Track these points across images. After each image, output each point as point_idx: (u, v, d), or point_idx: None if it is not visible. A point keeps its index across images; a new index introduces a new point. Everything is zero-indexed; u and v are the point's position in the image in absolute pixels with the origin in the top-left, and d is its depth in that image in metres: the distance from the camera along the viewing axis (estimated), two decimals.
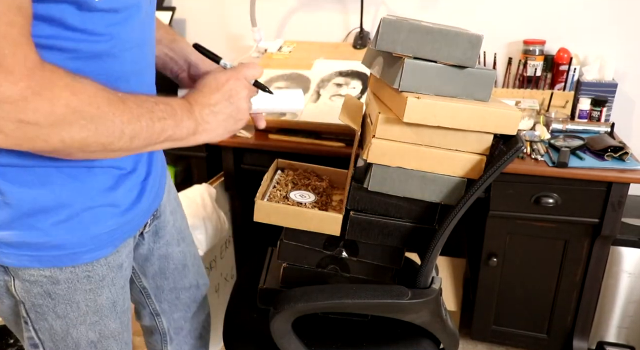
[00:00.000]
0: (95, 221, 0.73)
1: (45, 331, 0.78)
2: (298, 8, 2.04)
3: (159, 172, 0.89)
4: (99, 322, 0.81)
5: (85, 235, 0.73)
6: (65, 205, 0.70)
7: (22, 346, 1.61)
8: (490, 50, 1.85)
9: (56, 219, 0.70)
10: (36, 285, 0.73)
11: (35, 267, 0.72)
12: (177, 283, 1.06)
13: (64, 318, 0.77)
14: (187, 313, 1.13)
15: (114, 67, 0.69)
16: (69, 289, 0.75)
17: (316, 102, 1.65)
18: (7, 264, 0.72)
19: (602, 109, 1.67)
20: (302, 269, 1.07)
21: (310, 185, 1.14)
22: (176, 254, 1.03)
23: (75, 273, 0.75)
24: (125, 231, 0.80)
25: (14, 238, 0.69)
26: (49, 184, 0.68)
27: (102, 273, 0.78)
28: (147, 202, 0.82)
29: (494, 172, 0.86)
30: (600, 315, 1.67)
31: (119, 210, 0.76)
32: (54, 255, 0.72)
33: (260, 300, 1.12)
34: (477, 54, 0.86)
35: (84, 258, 0.74)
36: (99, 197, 0.73)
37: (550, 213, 1.49)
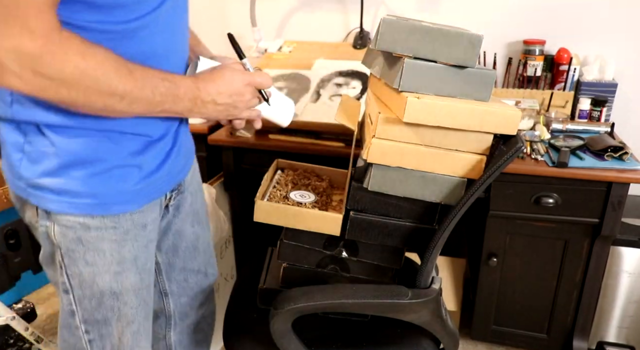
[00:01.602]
0: (123, 178, 0.84)
1: (76, 277, 0.87)
2: (298, 8, 2.04)
3: (186, 149, 1.00)
4: (121, 274, 0.89)
5: (114, 189, 0.84)
6: (101, 161, 0.82)
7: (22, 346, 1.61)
8: (490, 50, 1.85)
9: (92, 171, 0.81)
10: (71, 231, 0.84)
11: (71, 213, 0.82)
12: (186, 263, 1.11)
13: (92, 265, 0.86)
14: (194, 301, 1.16)
15: (144, 49, 0.79)
16: (97, 236, 0.85)
17: (316, 102, 1.65)
18: (50, 209, 0.82)
19: (602, 109, 1.67)
20: (302, 269, 1.07)
21: (310, 185, 1.14)
22: (189, 233, 1.09)
23: (104, 222, 0.85)
24: (149, 192, 0.90)
25: (57, 185, 0.80)
26: (90, 142, 0.80)
27: (127, 227, 0.88)
28: (170, 171, 0.93)
29: (494, 172, 0.86)
30: (600, 315, 1.67)
31: (144, 172, 0.87)
32: (87, 203, 0.82)
33: (260, 300, 1.12)
34: (477, 54, 0.86)
35: (112, 209, 0.85)
36: (128, 158, 0.85)
37: (550, 213, 1.49)
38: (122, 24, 0.76)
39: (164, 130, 0.90)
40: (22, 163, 0.81)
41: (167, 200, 1.00)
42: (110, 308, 0.90)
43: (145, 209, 0.90)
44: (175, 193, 1.02)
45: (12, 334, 1.57)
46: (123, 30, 0.76)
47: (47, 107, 0.76)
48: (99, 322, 0.91)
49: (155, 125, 0.87)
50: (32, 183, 0.81)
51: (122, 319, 0.92)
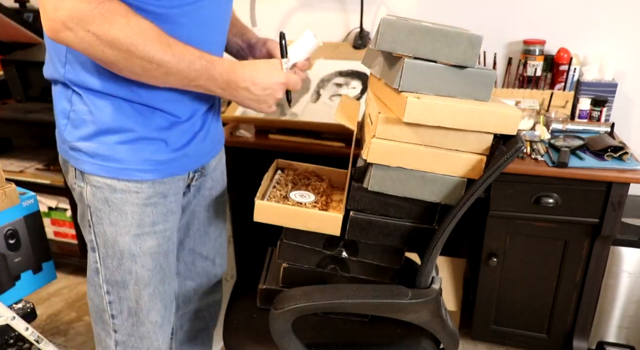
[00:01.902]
0: (148, 149, 0.93)
1: (101, 236, 0.96)
2: (298, 8, 2.04)
3: (214, 136, 1.08)
4: (140, 236, 0.97)
5: (139, 157, 0.92)
6: (129, 131, 0.91)
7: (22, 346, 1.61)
8: (490, 50, 1.85)
9: (120, 139, 0.90)
10: (99, 191, 0.93)
11: (101, 175, 0.92)
12: (196, 246, 1.17)
13: (115, 225, 0.95)
14: (199, 286, 1.21)
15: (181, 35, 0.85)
16: (121, 199, 0.93)
17: (316, 102, 1.65)
18: (84, 170, 0.93)
19: (602, 109, 1.67)
20: (302, 269, 1.07)
21: (310, 185, 1.14)
22: (203, 217, 1.16)
23: (128, 186, 0.93)
24: (172, 167, 0.97)
25: (91, 149, 0.91)
26: (122, 112, 0.90)
27: (148, 193, 0.95)
28: (195, 151, 1.00)
29: (494, 172, 0.86)
30: (600, 315, 1.67)
31: (170, 147, 0.95)
32: (115, 167, 0.91)
33: (260, 300, 1.12)
34: (477, 54, 0.86)
35: (135, 175, 0.93)
36: (155, 132, 0.93)
37: (550, 213, 1.49)
38: (164, 8, 0.83)
39: (191, 112, 0.97)
40: (67, 128, 0.92)
41: (190, 180, 1.07)
42: (128, 270, 0.98)
43: (167, 182, 0.97)
44: (198, 175, 1.08)
45: (12, 334, 1.57)
46: (165, 14, 0.84)
47: (91, 72, 0.87)
48: (118, 283, 0.99)
49: (183, 107, 0.95)
50: (72, 146, 0.92)
51: (139, 281, 0.99)
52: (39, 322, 1.92)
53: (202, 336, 1.27)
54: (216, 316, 1.29)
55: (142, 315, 1.01)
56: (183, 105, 0.95)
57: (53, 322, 1.94)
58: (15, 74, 1.96)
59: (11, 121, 1.89)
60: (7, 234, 1.30)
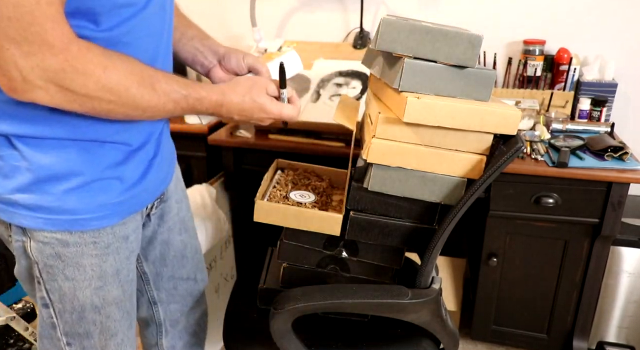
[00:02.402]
0: (103, 191, 0.81)
1: (55, 292, 0.85)
2: (298, 8, 2.04)
3: (168, 156, 0.97)
4: (103, 288, 0.87)
5: (93, 204, 0.81)
6: (77, 174, 0.78)
7: (22, 346, 1.61)
8: (490, 50, 1.85)
9: (68, 186, 0.78)
10: (48, 247, 0.81)
11: (48, 229, 0.79)
12: (175, 272, 1.09)
13: (72, 280, 0.84)
14: (184, 306, 1.15)
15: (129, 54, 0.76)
16: (77, 252, 0.82)
17: (316, 102, 1.65)
18: (24, 225, 0.80)
19: (602, 109, 1.67)
20: (302, 269, 1.07)
21: (310, 185, 1.14)
22: (177, 242, 1.07)
23: (83, 238, 0.82)
24: (131, 205, 0.87)
25: (31, 201, 0.77)
26: (65, 154, 0.77)
27: (108, 241, 0.85)
28: (153, 181, 0.90)
29: (494, 172, 0.86)
30: (600, 315, 1.67)
31: (125, 184, 0.84)
32: (65, 219, 0.79)
33: (260, 300, 1.12)
34: (477, 54, 0.86)
35: (91, 225, 0.81)
36: (108, 170, 0.81)
37: (550, 213, 1.49)
38: (105, 31, 0.73)
39: (145, 137, 0.87)
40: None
41: (149, 210, 0.97)
42: (92, 322, 0.89)
43: (127, 221, 0.87)
44: (158, 202, 0.99)
45: (12, 334, 1.57)
46: (107, 37, 0.74)
47: (20, 118, 0.74)
48: (80, 335, 0.89)
49: (136, 133, 0.85)
50: (4, 199, 0.78)
51: (105, 332, 0.90)
52: None
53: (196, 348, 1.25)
54: (205, 327, 1.25)
55: None
56: (136, 132, 0.85)
57: None
58: None
59: None
60: None
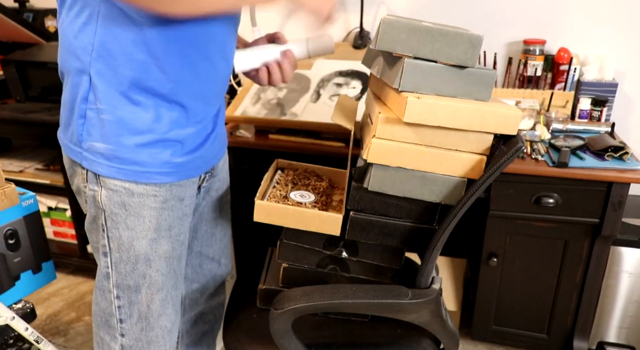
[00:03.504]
0: (168, 150, 0.91)
1: (116, 240, 0.94)
2: None
3: (222, 137, 1.08)
4: (156, 240, 0.95)
5: (159, 160, 0.90)
6: (150, 132, 0.88)
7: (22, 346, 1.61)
8: (490, 50, 1.85)
9: (141, 141, 0.88)
10: (116, 195, 0.90)
11: (119, 178, 0.89)
12: (203, 248, 1.16)
13: (132, 230, 0.93)
14: (205, 289, 1.20)
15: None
16: (139, 203, 0.92)
17: (316, 102, 1.65)
18: (100, 173, 0.89)
19: (602, 108, 1.67)
20: (302, 269, 1.07)
21: (310, 185, 1.14)
22: (210, 218, 1.15)
23: (147, 190, 0.91)
24: (188, 169, 0.96)
25: (109, 151, 0.88)
26: (143, 113, 0.87)
27: (166, 196, 0.94)
28: (208, 152, 1.00)
29: (494, 172, 0.86)
30: (601, 315, 1.67)
31: (186, 149, 0.94)
32: (134, 170, 0.89)
33: (260, 300, 1.12)
34: (477, 54, 0.86)
35: (155, 178, 0.91)
36: (172, 133, 0.91)
37: (551, 213, 1.49)
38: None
39: (204, 113, 0.96)
40: (84, 128, 0.88)
41: (201, 181, 1.06)
42: (142, 274, 0.96)
43: (183, 184, 0.96)
44: (209, 175, 1.08)
45: (12, 334, 1.57)
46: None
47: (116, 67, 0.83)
48: (130, 287, 0.97)
49: (199, 108, 0.94)
50: (88, 147, 0.89)
51: (153, 286, 0.97)
52: (39, 322, 1.92)
53: (207, 338, 1.26)
54: (220, 318, 1.29)
55: (152, 320, 0.99)
56: (199, 106, 0.94)
57: (53, 322, 1.94)
58: (15, 74, 1.97)
59: (11, 121, 1.89)
60: (7, 234, 1.30)
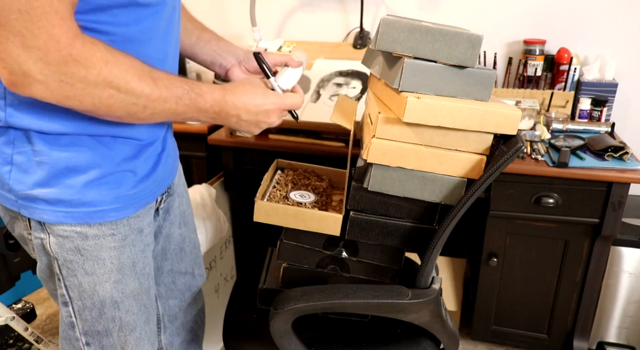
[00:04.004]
0: (118, 184, 0.84)
1: (75, 288, 0.87)
2: (298, 8, 2.04)
3: (172, 151, 1.01)
4: (122, 281, 0.89)
5: (110, 196, 0.83)
6: (95, 167, 0.81)
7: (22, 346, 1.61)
8: (490, 50, 1.85)
9: (87, 179, 0.80)
10: (68, 241, 0.83)
11: (68, 223, 0.81)
12: (174, 266, 1.11)
13: (92, 275, 0.86)
14: (182, 302, 1.16)
15: (142, 51, 0.78)
16: (96, 245, 0.84)
17: (316, 102, 1.65)
18: (44, 220, 0.81)
19: (602, 108, 1.67)
20: (302, 269, 1.07)
21: (310, 185, 1.14)
22: (177, 235, 1.09)
23: (102, 230, 0.84)
24: (144, 196, 0.89)
25: (51, 195, 0.79)
26: (83, 148, 0.79)
27: (125, 233, 0.87)
28: (162, 174, 0.93)
29: (494, 172, 0.86)
30: (601, 315, 1.67)
31: (138, 176, 0.87)
32: (84, 211, 0.81)
33: (260, 300, 1.12)
34: (477, 54, 0.86)
35: (109, 216, 0.84)
36: (122, 164, 0.84)
37: (551, 213, 1.49)
38: (123, 27, 0.75)
39: (154, 133, 0.90)
40: (12, 175, 0.79)
41: (158, 204, 1.00)
42: (111, 318, 0.90)
43: (140, 214, 0.90)
44: (165, 196, 1.02)
45: (12, 334, 1.57)
46: (124, 33, 0.75)
47: (41, 113, 0.75)
48: (100, 333, 0.91)
49: (145, 130, 0.87)
50: (24, 195, 0.80)
51: (124, 328, 0.92)
52: (39, 322, 1.92)
53: (193, 346, 1.25)
54: (203, 324, 1.26)
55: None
56: (145, 129, 0.87)
57: (53, 322, 1.94)
58: None
59: None
60: (7, 234, 1.30)
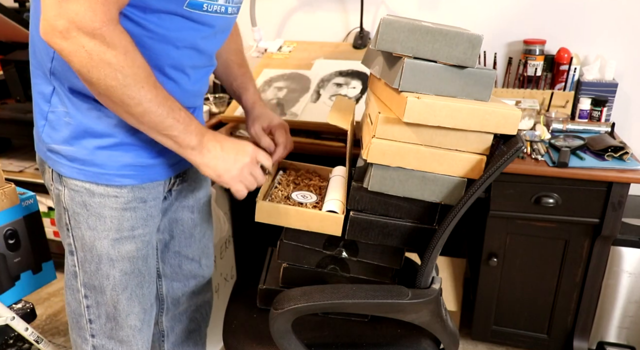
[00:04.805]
0: (128, 154, 0.92)
1: (79, 239, 0.96)
2: (298, 8, 2.04)
3: None
4: (119, 240, 0.96)
5: (119, 162, 0.91)
6: (110, 136, 0.90)
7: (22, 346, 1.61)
8: (490, 50, 1.85)
9: (100, 143, 0.90)
10: (78, 195, 0.92)
11: (79, 179, 0.91)
12: (181, 249, 1.16)
13: (93, 230, 0.94)
14: (186, 287, 1.20)
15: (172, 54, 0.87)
16: (100, 203, 0.93)
17: (316, 102, 1.65)
18: (62, 173, 0.92)
19: (602, 108, 1.67)
20: (302, 269, 1.07)
21: (312, 185, 1.14)
22: (187, 219, 1.15)
23: (107, 191, 0.92)
24: (151, 172, 0.96)
25: (70, 152, 0.90)
26: (103, 117, 0.88)
27: (128, 198, 0.94)
28: (176, 157, 0.96)
29: (494, 172, 0.86)
30: (601, 315, 1.67)
31: (149, 153, 0.94)
32: (94, 172, 0.91)
33: (260, 300, 1.12)
34: (477, 54, 0.86)
35: (114, 180, 0.92)
36: (135, 138, 0.91)
37: (551, 213, 1.49)
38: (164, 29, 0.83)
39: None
40: (45, 129, 0.91)
41: (171, 185, 1.06)
42: (105, 275, 0.97)
43: (146, 187, 0.97)
44: (180, 179, 1.08)
45: (12, 334, 1.57)
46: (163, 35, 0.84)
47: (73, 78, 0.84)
48: (95, 288, 0.98)
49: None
50: (50, 148, 0.91)
51: (117, 286, 0.98)
52: (39, 322, 1.92)
53: (195, 337, 1.26)
54: (208, 316, 1.29)
55: (120, 320, 1.00)
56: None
57: (53, 322, 1.94)
58: (15, 74, 1.96)
59: (11, 121, 1.89)
60: (7, 234, 1.30)
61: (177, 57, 0.88)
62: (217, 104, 1.90)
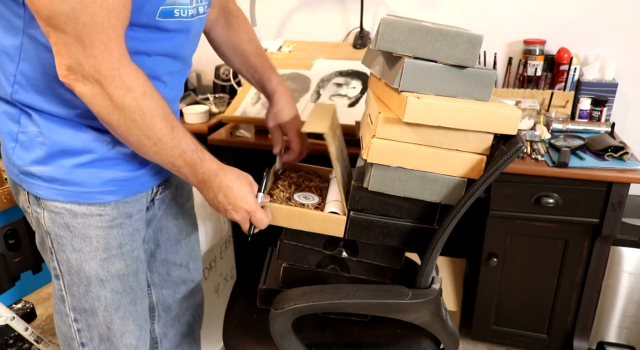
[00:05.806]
0: (109, 169, 0.88)
1: (64, 263, 0.92)
2: (298, 8, 2.04)
3: None
4: (107, 260, 0.92)
5: (100, 179, 0.88)
6: (88, 152, 0.86)
7: (22, 346, 1.61)
8: (491, 50, 1.85)
9: (79, 161, 0.86)
10: (59, 217, 0.88)
11: (59, 200, 0.87)
12: (168, 256, 1.13)
13: (79, 252, 0.90)
14: (177, 293, 1.18)
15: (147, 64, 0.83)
16: (83, 223, 0.89)
17: (316, 102, 1.65)
18: (40, 195, 0.87)
19: (602, 108, 1.67)
20: (302, 269, 1.07)
21: (314, 186, 1.14)
22: (172, 226, 1.12)
23: (90, 210, 0.89)
24: (134, 185, 0.93)
25: (46, 173, 0.85)
26: (78, 133, 0.85)
27: (112, 215, 0.91)
28: (157, 166, 0.95)
29: (494, 172, 0.86)
30: (601, 315, 1.67)
31: (131, 165, 0.91)
32: (74, 191, 0.87)
33: (260, 300, 1.12)
34: (477, 54, 0.86)
35: (97, 198, 0.88)
36: (114, 152, 0.88)
37: (551, 213, 1.49)
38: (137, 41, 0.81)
39: None
40: (15, 151, 0.86)
41: (154, 194, 1.03)
42: (96, 297, 0.93)
43: (130, 201, 0.94)
44: (162, 187, 1.05)
45: (12, 334, 1.57)
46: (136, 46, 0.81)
47: (44, 95, 0.81)
48: (86, 311, 0.94)
49: None
50: (24, 170, 0.86)
51: (109, 307, 0.95)
52: (39, 322, 1.92)
53: (188, 340, 1.25)
54: (200, 318, 1.27)
55: (115, 340, 0.97)
56: None
57: (53, 322, 1.94)
58: None
59: None
60: (7, 234, 1.30)
61: (152, 66, 0.85)
62: (217, 104, 1.90)
